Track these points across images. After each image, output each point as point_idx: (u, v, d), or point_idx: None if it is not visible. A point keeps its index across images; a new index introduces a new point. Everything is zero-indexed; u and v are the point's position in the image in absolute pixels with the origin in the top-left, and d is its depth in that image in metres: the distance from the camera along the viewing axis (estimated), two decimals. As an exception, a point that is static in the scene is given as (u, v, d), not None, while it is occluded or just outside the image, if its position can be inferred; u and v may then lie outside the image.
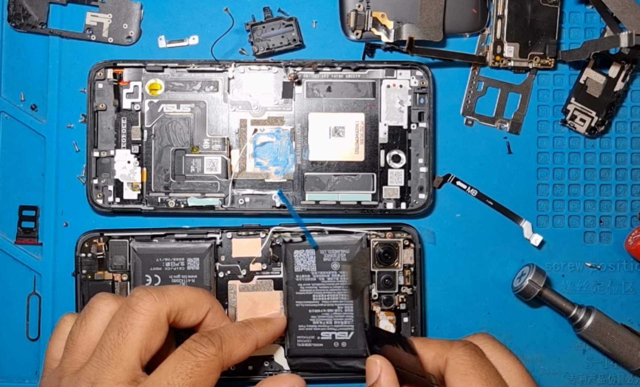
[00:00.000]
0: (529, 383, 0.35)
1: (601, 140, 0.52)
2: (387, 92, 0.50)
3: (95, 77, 0.50)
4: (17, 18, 0.51)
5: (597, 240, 0.52)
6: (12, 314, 0.51)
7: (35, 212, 0.51)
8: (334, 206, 0.50)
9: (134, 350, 0.35)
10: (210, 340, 0.36)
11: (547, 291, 0.50)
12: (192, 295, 0.39)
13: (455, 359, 0.34)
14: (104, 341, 0.35)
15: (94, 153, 0.50)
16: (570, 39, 0.52)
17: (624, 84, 0.51)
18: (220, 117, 0.50)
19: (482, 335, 0.37)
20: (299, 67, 0.50)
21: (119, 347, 0.35)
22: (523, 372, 0.35)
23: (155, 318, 0.36)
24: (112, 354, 0.34)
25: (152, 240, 0.49)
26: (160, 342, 0.36)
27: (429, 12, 0.49)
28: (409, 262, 0.49)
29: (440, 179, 0.51)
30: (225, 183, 0.50)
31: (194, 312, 0.39)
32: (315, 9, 0.52)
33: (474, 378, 0.33)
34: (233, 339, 0.38)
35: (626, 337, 0.49)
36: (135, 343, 0.35)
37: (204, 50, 0.51)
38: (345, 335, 0.49)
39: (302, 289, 0.49)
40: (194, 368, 0.35)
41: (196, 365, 0.35)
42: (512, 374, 0.35)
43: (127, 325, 0.35)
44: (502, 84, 0.52)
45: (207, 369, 0.35)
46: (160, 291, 0.37)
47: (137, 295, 0.36)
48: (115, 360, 0.34)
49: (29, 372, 0.51)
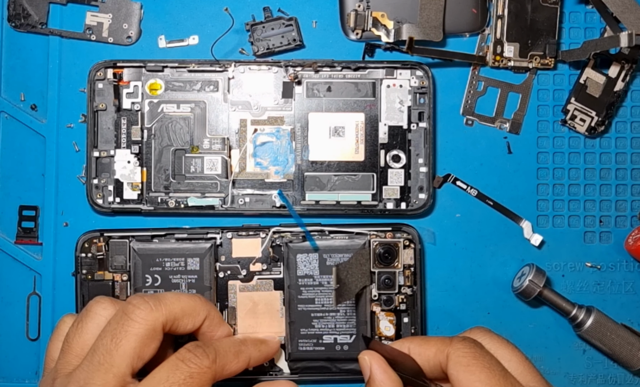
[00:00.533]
0: (530, 370, 0.35)
1: (601, 140, 0.52)
2: (387, 92, 0.50)
3: (95, 77, 0.50)
4: (17, 18, 0.51)
5: (597, 240, 0.52)
6: (12, 314, 0.51)
7: (35, 212, 0.51)
8: (334, 206, 0.50)
9: (125, 357, 0.35)
10: (205, 352, 0.36)
11: (547, 291, 0.50)
12: (188, 303, 0.39)
13: (457, 353, 0.34)
14: (97, 346, 0.35)
15: (94, 153, 0.50)
16: (570, 39, 0.52)
17: (624, 84, 0.51)
18: (220, 117, 0.50)
19: (479, 329, 0.37)
20: (299, 67, 0.50)
21: (111, 354, 0.34)
22: (523, 360, 0.35)
23: (151, 327, 0.36)
24: (104, 359, 0.34)
25: (152, 240, 0.49)
26: (154, 351, 0.36)
27: (429, 12, 0.49)
28: (409, 262, 0.49)
29: (440, 179, 0.51)
30: (225, 183, 0.50)
31: (190, 320, 0.39)
32: (315, 9, 0.52)
33: (476, 368, 0.33)
34: (227, 354, 0.38)
35: (626, 337, 0.49)
36: (127, 350, 0.35)
37: (204, 50, 0.51)
38: (348, 338, 0.49)
39: (304, 292, 0.49)
40: (186, 379, 0.34)
41: (189, 376, 0.35)
42: (513, 363, 0.35)
43: (121, 332, 0.35)
44: (502, 84, 0.52)
45: (199, 381, 0.35)
46: (157, 299, 0.37)
47: (134, 303, 0.36)
48: (106, 366, 0.34)
49: (29, 372, 0.51)
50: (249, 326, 0.49)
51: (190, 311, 0.39)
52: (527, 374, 0.35)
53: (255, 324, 0.49)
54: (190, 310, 0.39)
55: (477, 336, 0.36)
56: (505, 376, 0.33)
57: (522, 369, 0.35)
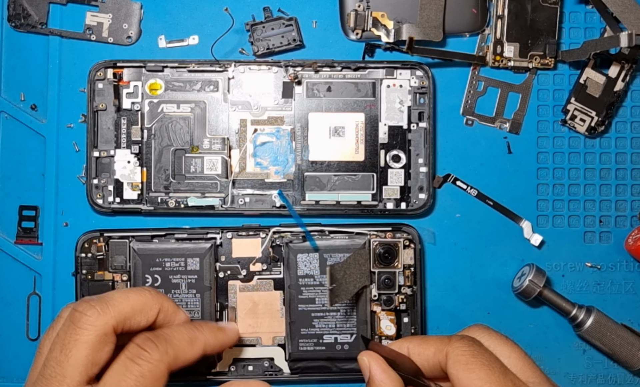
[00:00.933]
0: (530, 366, 0.35)
1: (601, 140, 0.52)
2: (387, 92, 0.50)
3: (95, 77, 0.50)
4: (17, 18, 0.51)
5: (597, 240, 0.52)
6: (12, 314, 0.51)
7: (35, 212, 0.51)
8: (334, 206, 0.50)
9: (77, 366, 0.34)
10: (155, 343, 0.35)
11: (547, 291, 0.50)
12: (138, 300, 0.37)
13: (455, 351, 0.34)
14: (48, 359, 0.34)
15: (94, 153, 0.50)
16: (570, 39, 0.52)
17: (624, 84, 0.51)
18: (220, 117, 0.50)
19: (477, 326, 0.37)
20: (299, 67, 0.50)
21: (62, 365, 0.34)
22: (523, 356, 0.35)
23: (101, 333, 0.34)
24: (55, 371, 0.34)
25: (152, 240, 0.49)
26: (109, 354, 0.35)
27: (429, 12, 0.49)
28: (409, 262, 0.49)
29: (440, 179, 0.51)
30: (225, 183, 0.50)
31: (143, 317, 0.37)
32: (315, 9, 0.52)
33: (476, 366, 0.33)
34: (181, 342, 0.37)
35: (626, 337, 0.49)
36: (79, 359, 0.34)
37: (204, 50, 0.51)
38: (348, 338, 0.49)
39: (305, 292, 0.49)
40: (138, 379, 0.34)
41: (140, 375, 0.34)
42: (512, 359, 0.35)
43: (70, 342, 0.34)
44: (502, 84, 0.52)
45: (152, 377, 0.34)
46: (104, 302, 0.36)
47: (79, 309, 0.35)
48: (59, 378, 0.33)
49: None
50: (249, 326, 0.49)
51: (141, 307, 0.37)
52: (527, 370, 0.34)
53: (255, 324, 0.49)
54: (141, 306, 0.37)
55: (476, 334, 0.36)
56: (505, 372, 0.33)
57: (521, 365, 0.35)
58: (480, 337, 0.36)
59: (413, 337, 0.45)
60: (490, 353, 0.34)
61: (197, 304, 0.48)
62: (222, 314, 0.49)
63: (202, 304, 0.48)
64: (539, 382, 0.34)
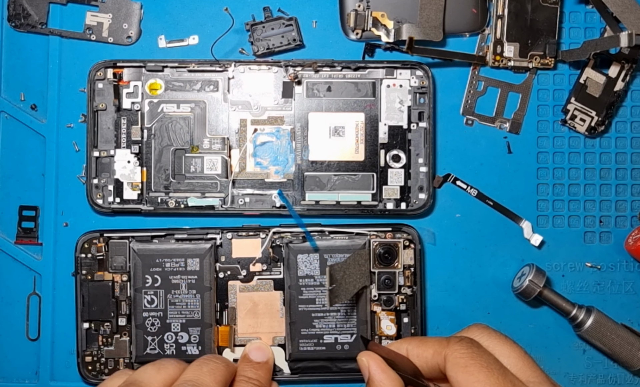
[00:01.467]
0: (530, 365, 0.34)
1: (601, 140, 0.52)
2: (387, 92, 0.50)
3: (95, 77, 0.49)
4: (17, 18, 0.51)
5: (597, 240, 0.52)
6: (12, 314, 0.51)
7: (35, 212, 0.51)
8: (334, 206, 0.50)
9: None
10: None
11: (547, 291, 0.50)
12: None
13: (454, 354, 0.34)
14: None
15: (94, 153, 0.50)
16: (570, 39, 0.52)
17: (624, 83, 0.51)
18: (220, 117, 0.50)
19: (477, 326, 0.37)
20: (299, 67, 0.50)
21: None
22: (522, 355, 0.35)
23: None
24: None
25: (152, 240, 0.49)
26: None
27: (429, 12, 0.49)
28: (409, 262, 0.49)
29: (440, 179, 0.51)
30: (225, 183, 0.50)
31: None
32: (315, 9, 0.52)
33: (474, 368, 0.32)
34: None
35: (626, 337, 0.49)
36: None
37: (204, 50, 0.51)
38: (348, 338, 0.49)
39: (305, 292, 0.49)
40: None
41: None
42: (512, 359, 0.34)
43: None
44: (502, 83, 0.52)
45: None
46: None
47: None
48: None
49: (29, 372, 0.51)
50: (249, 326, 0.49)
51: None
52: (527, 370, 0.34)
53: (255, 324, 0.49)
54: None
55: (475, 333, 0.36)
56: (504, 373, 0.33)
57: (521, 364, 0.35)
58: (480, 337, 0.36)
59: (412, 338, 0.45)
60: (489, 354, 0.34)
61: (197, 305, 0.48)
62: (222, 314, 0.49)
63: (202, 304, 0.48)
64: (539, 381, 0.34)
